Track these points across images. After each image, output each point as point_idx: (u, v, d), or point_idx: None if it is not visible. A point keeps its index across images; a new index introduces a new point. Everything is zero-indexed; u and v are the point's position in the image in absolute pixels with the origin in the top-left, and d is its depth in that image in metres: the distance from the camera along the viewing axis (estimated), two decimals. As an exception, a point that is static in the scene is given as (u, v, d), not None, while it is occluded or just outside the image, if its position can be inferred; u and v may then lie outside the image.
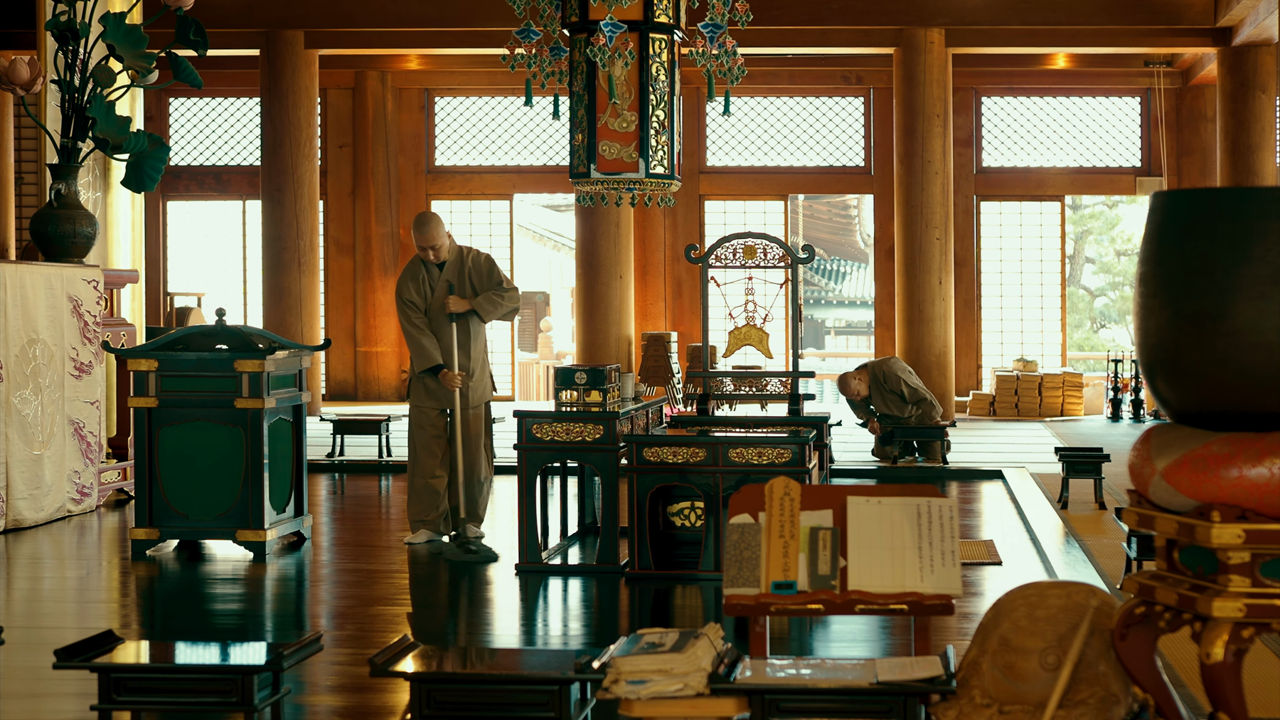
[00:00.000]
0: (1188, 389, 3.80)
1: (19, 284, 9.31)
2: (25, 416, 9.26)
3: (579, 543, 8.65)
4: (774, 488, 4.31)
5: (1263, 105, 16.33)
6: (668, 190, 7.86)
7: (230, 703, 4.15)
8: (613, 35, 7.34)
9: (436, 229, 8.59)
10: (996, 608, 3.99)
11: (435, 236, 8.56)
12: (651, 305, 18.70)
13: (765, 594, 4.20)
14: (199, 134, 19.39)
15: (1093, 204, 29.26)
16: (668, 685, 3.76)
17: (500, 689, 4.05)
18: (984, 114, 18.80)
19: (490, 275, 8.66)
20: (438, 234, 8.58)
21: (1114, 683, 3.82)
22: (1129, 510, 3.95)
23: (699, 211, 18.85)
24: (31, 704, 5.27)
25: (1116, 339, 28.63)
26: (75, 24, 10.42)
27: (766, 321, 8.94)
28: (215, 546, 8.48)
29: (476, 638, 6.46)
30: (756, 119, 19.01)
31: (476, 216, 19.15)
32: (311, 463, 9.06)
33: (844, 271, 31.38)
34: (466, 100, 19.20)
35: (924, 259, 16.02)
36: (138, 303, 11.95)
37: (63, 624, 6.78)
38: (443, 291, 8.55)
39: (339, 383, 18.88)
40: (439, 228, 8.61)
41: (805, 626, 6.43)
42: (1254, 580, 3.64)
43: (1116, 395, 16.77)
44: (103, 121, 10.60)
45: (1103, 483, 9.96)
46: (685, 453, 7.38)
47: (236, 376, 8.25)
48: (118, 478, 10.34)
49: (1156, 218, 3.87)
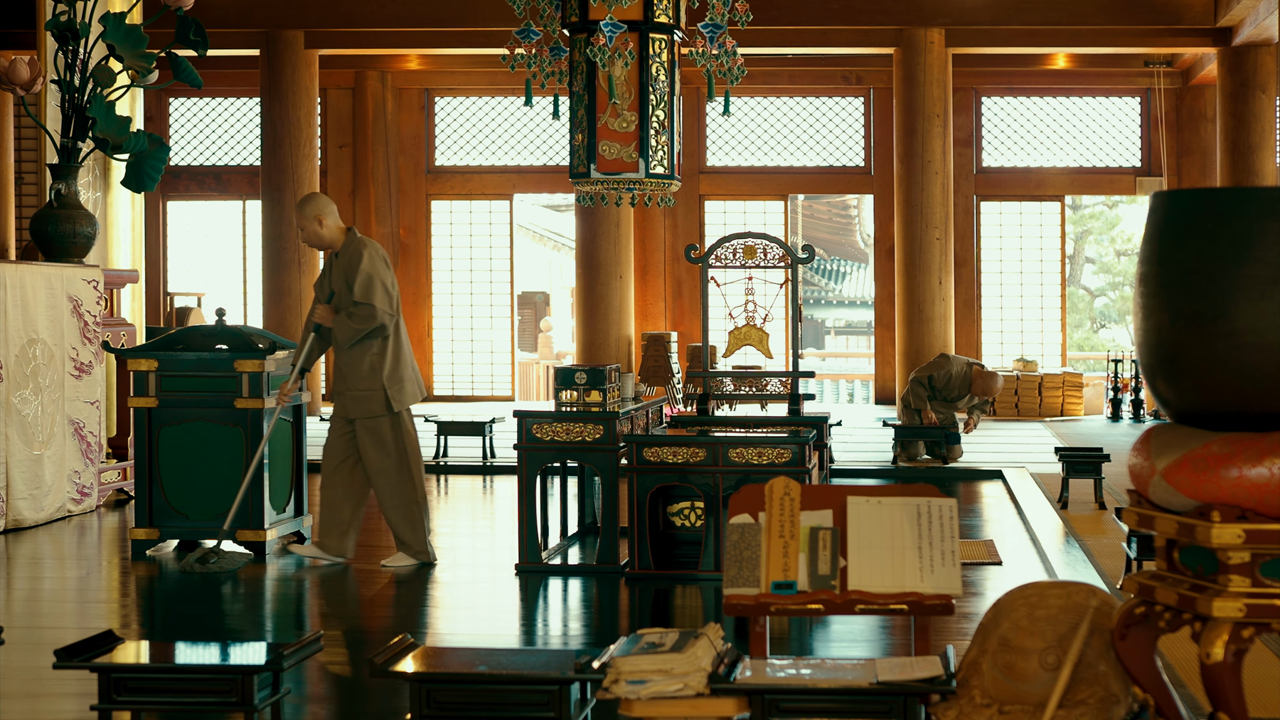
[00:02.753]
0: (1188, 389, 3.80)
1: (19, 284, 9.31)
2: (25, 416, 9.26)
3: (579, 543, 8.64)
4: (774, 488, 4.31)
5: (1263, 105, 16.33)
6: (668, 190, 7.86)
7: (230, 703, 4.15)
8: (613, 35, 7.34)
9: (303, 209, 7.83)
10: (996, 608, 3.99)
11: (301, 218, 7.83)
12: (651, 305, 18.70)
13: (765, 594, 4.20)
14: (199, 134, 19.38)
15: (1093, 204, 29.26)
16: (668, 685, 3.76)
17: (500, 689, 4.05)
18: (984, 114, 18.79)
19: (354, 281, 7.76)
20: (303, 216, 7.81)
21: (1114, 683, 3.82)
22: (1129, 510, 3.95)
23: (699, 211, 18.84)
24: (31, 704, 5.27)
25: (1116, 339, 28.63)
26: (75, 24, 10.42)
27: (766, 321, 8.94)
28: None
29: (477, 638, 6.45)
30: (756, 119, 19.01)
31: (476, 216, 19.15)
32: (311, 463, 9.05)
33: (844, 271, 31.38)
34: (466, 100, 19.20)
35: (924, 259, 16.02)
36: (138, 303, 11.95)
37: (63, 624, 6.78)
38: (323, 292, 7.92)
39: (339, 383, 18.86)
40: (308, 208, 7.82)
41: (805, 626, 6.43)
42: (1254, 580, 3.64)
43: (1116, 395, 16.77)
44: (103, 121, 10.60)
45: (1103, 483, 9.96)
46: (685, 453, 7.38)
47: (236, 376, 8.25)
48: (118, 478, 10.34)
49: (1156, 218, 3.87)
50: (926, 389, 12.35)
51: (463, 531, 9.78)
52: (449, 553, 8.76)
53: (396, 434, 7.88)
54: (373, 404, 7.82)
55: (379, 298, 7.72)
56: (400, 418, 7.91)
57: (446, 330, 19.14)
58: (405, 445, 7.90)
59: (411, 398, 7.93)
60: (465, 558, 8.67)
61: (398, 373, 7.85)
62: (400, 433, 7.89)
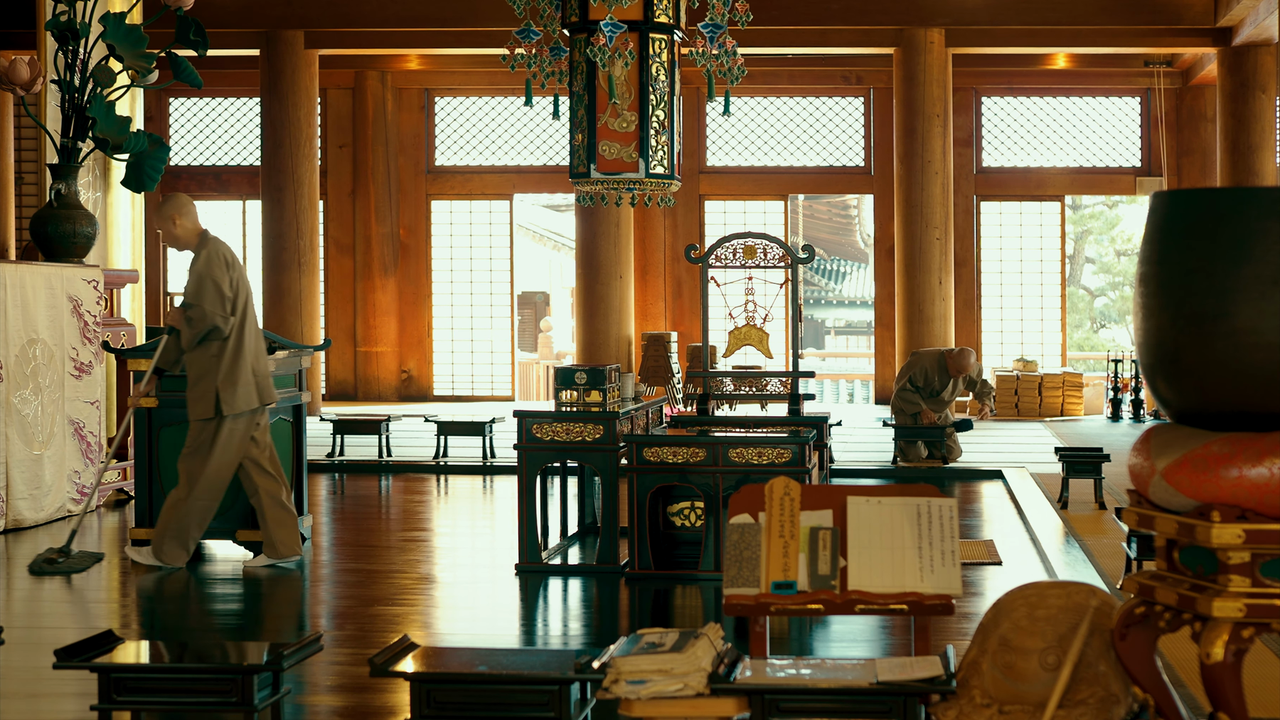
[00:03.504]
0: (1188, 389, 3.80)
1: (19, 284, 9.31)
2: (25, 416, 9.26)
3: (579, 543, 8.64)
4: (774, 488, 4.31)
5: (1263, 105, 16.33)
6: (668, 190, 7.86)
7: (230, 703, 4.15)
8: (613, 35, 7.34)
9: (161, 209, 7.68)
10: (996, 608, 3.99)
11: (158, 219, 7.67)
12: (651, 305, 18.70)
13: (765, 594, 4.20)
14: (199, 134, 19.39)
15: (1093, 204, 29.26)
16: (668, 685, 3.76)
17: (500, 689, 4.05)
18: (984, 114, 18.79)
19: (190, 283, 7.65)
20: (159, 217, 7.66)
21: (1114, 683, 3.82)
22: (1129, 510, 3.95)
23: (699, 211, 18.84)
24: (31, 704, 5.27)
25: (1116, 339, 28.62)
26: (75, 24, 10.42)
27: (766, 321, 8.94)
28: (215, 546, 8.47)
29: (476, 638, 6.45)
30: (756, 119, 19.01)
31: (476, 216, 19.14)
32: (311, 463, 9.06)
33: (844, 271, 31.38)
34: (466, 100, 19.20)
35: (924, 259, 16.02)
36: (138, 303, 11.95)
37: (63, 624, 6.78)
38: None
39: (339, 383, 18.88)
40: (164, 208, 7.69)
41: (805, 626, 6.43)
42: (1254, 580, 3.64)
43: (1116, 395, 16.76)
44: (103, 121, 10.60)
45: (1103, 483, 9.96)
46: (685, 453, 7.38)
47: (236, 376, 8.24)
48: (118, 478, 10.34)
49: (1156, 218, 3.87)
50: (913, 389, 12.35)
51: (463, 531, 9.79)
52: (449, 553, 8.76)
53: (215, 439, 7.70)
54: (205, 406, 7.66)
55: (208, 299, 7.56)
56: (226, 424, 7.70)
57: (446, 330, 19.14)
58: (213, 453, 7.69)
59: (245, 403, 7.69)
60: (465, 558, 8.67)
61: (232, 376, 7.66)
62: (217, 440, 7.69)
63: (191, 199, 7.85)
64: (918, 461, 12.29)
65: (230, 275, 7.66)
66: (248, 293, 7.81)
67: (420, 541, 9.17)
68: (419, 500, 10.88)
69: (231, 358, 7.66)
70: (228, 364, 7.65)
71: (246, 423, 7.78)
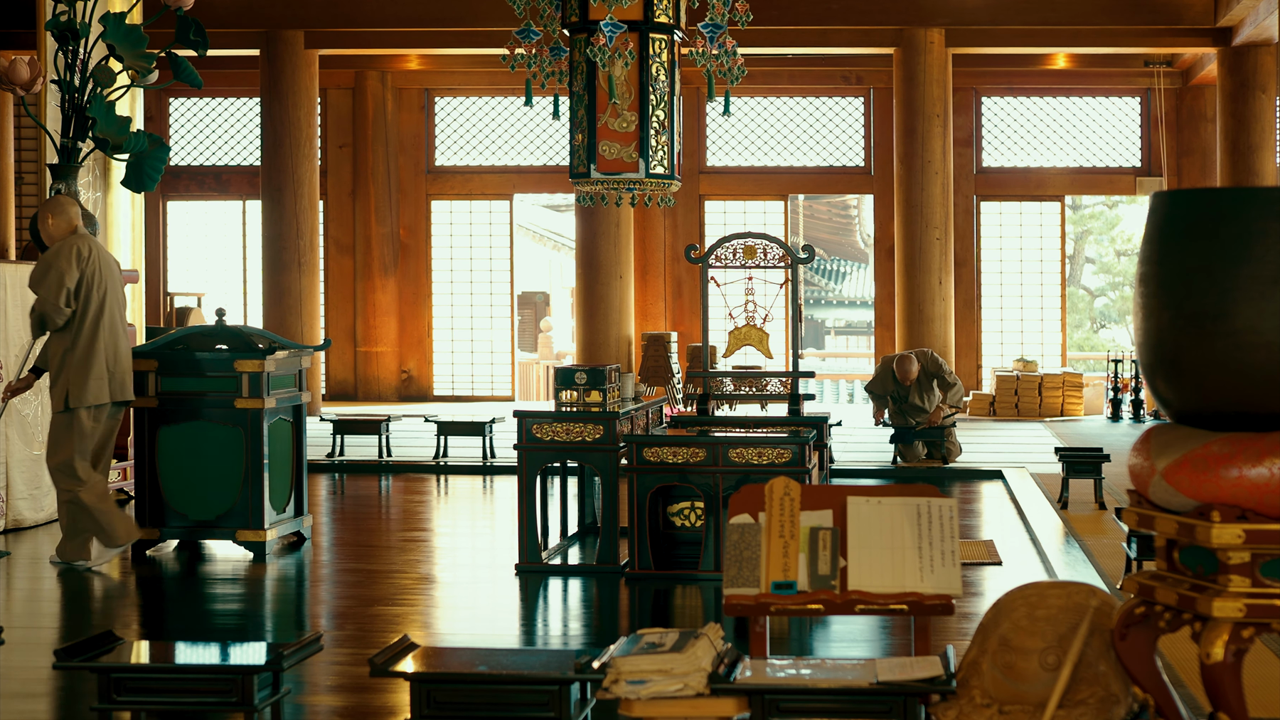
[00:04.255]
0: (1188, 389, 3.80)
1: (19, 284, 9.30)
2: (25, 416, 9.26)
3: (579, 543, 8.64)
4: (774, 488, 4.31)
5: (1263, 105, 16.33)
6: (668, 190, 7.86)
7: (230, 703, 4.15)
8: (613, 35, 7.34)
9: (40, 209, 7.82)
10: (996, 608, 3.99)
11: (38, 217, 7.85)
12: (651, 305, 18.70)
13: (765, 594, 4.20)
14: (199, 134, 19.38)
15: (1093, 204, 29.26)
16: (668, 685, 3.76)
17: (500, 689, 4.05)
18: (984, 114, 18.79)
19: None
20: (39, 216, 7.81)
21: (1114, 683, 3.82)
22: (1129, 510, 3.95)
23: (699, 211, 18.84)
24: (31, 704, 5.27)
25: (1116, 339, 28.62)
26: (75, 24, 10.42)
27: (766, 321, 8.94)
28: (215, 546, 8.47)
29: (476, 638, 6.45)
30: (756, 119, 19.01)
31: (476, 216, 19.14)
32: (311, 463, 9.06)
33: (844, 271, 31.38)
34: (466, 100, 19.20)
35: (924, 259, 16.02)
36: (138, 303, 11.94)
37: (63, 624, 6.78)
38: None
39: (339, 383, 18.88)
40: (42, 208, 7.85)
41: (805, 626, 6.43)
42: (1254, 580, 3.64)
43: (1116, 395, 16.76)
44: (103, 121, 10.60)
45: (1103, 483, 9.96)
46: (685, 453, 7.38)
47: (236, 376, 8.25)
48: (118, 478, 10.34)
49: (1156, 218, 3.87)
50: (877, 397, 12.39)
51: (463, 532, 9.79)
52: (449, 553, 8.77)
53: (69, 431, 7.70)
54: (58, 399, 7.71)
55: (46, 287, 7.63)
56: (78, 415, 7.70)
57: (446, 330, 19.14)
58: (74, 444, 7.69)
59: (95, 397, 7.71)
60: (465, 558, 8.67)
61: (83, 369, 7.69)
62: (73, 431, 7.70)
63: (73, 201, 7.92)
64: (917, 462, 12.30)
65: (82, 270, 7.70)
66: (109, 291, 7.82)
67: (420, 541, 9.17)
68: (419, 500, 10.88)
69: (84, 350, 7.69)
70: (79, 357, 7.69)
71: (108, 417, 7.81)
